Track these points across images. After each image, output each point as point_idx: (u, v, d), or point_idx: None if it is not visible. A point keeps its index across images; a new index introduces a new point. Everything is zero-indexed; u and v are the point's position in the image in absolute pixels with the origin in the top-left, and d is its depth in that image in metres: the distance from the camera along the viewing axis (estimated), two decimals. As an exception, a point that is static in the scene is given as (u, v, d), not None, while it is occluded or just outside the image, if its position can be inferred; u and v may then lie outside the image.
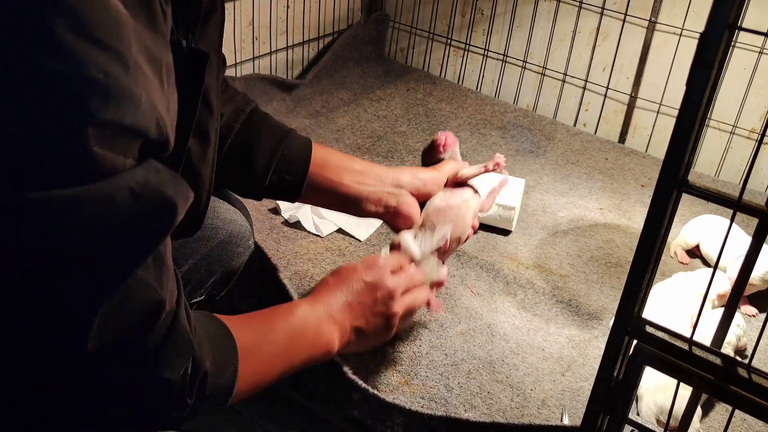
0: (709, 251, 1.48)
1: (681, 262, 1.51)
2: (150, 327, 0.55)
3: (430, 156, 1.08)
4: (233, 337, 0.68)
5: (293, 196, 0.98)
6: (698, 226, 1.51)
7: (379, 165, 1.04)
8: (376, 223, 1.48)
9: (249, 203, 1.09)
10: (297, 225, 1.45)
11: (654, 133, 1.99)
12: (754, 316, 1.35)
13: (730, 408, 1.05)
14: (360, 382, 1.04)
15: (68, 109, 0.44)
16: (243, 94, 0.97)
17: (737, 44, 1.80)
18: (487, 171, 1.06)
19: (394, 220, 1.03)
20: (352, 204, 1.01)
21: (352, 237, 1.45)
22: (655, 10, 1.90)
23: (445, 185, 1.06)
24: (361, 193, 0.99)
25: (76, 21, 0.43)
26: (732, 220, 0.62)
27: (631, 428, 0.77)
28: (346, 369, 1.05)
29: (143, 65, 0.49)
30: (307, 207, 1.46)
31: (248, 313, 0.77)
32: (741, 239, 1.41)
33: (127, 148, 0.49)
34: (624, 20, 1.95)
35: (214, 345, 0.65)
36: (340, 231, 1.46)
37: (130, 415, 0.59)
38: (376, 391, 1.03)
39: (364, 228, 1.47)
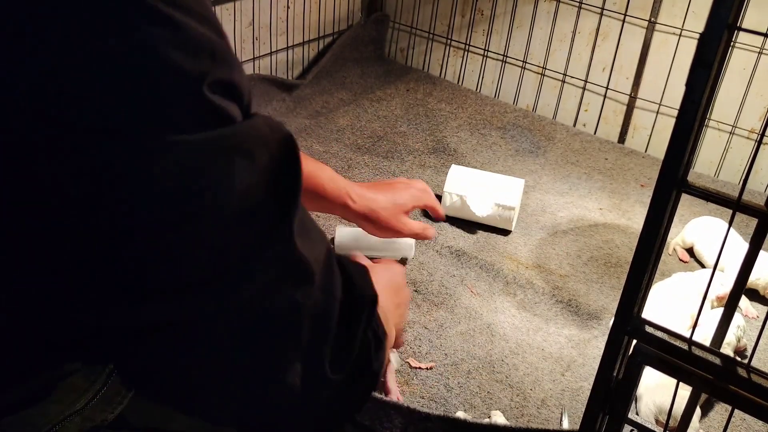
0: (703, 252, 1.48)
1: (681, 260, 1.51)
2: None
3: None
4: None
5: None
6: (694, 228, 1.51)
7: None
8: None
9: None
10: None
11: (654, 133, 1.99)
12: (756, 317, 1.35)
13: (729, 408, 1.05)
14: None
15: (184, 65, 0.45)
16: None
17: (737, 44, 1.80)
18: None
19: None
20: (331, 205, 1.01)
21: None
22: (655, 11, 1.90)
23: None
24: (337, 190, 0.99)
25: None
26: (731, 221, 0.62)
27: (631, 428, 0.77)
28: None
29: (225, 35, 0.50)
30: None
31: None
32: (735, 242, 1.42)
33: (234, 105, 0.50)
34: (624, 20, 1.95)
35: None
36: None
37: None
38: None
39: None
